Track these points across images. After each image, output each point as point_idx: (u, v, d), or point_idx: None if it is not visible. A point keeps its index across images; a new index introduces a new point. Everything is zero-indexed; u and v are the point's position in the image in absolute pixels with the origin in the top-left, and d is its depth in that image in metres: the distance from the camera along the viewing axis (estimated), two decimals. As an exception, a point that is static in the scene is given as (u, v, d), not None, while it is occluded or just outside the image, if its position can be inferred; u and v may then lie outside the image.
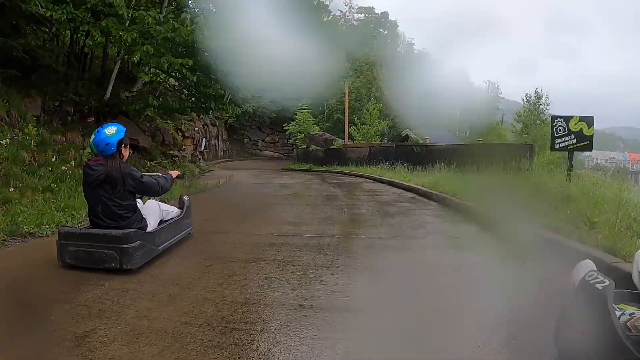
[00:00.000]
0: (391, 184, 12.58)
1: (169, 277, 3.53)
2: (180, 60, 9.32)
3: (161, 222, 4.27)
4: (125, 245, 3.52)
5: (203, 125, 25.74)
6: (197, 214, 5.41)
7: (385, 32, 56.67)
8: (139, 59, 9.60)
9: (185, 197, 4.99)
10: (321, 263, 3.88)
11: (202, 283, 3.40)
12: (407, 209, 7.66)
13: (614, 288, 1.75)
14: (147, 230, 3.90)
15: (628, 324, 1.58)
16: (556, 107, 34.97)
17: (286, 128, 31.52)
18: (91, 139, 3.69)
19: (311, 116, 30.05)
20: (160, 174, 4.43)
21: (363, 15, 57.58)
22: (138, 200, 4.06)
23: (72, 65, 11.34)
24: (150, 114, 13.22)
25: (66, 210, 5.85)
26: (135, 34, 8.76)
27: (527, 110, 41.75)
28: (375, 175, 15.20)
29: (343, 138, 26.81)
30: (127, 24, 8.90)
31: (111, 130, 3.66)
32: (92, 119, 10.52)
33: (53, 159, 7.84)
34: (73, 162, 8.17)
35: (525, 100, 43.03)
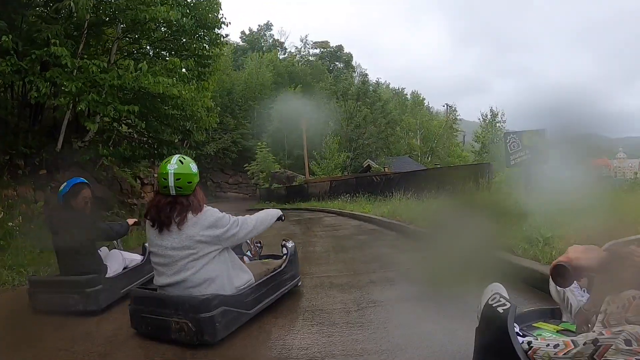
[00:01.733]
0: (352, 216, 12.66)
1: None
2: (126, 107, 9.24)
3: (125, 268, 4.53)
4: (87, 290, 3.84)
5: (164, 170, 25.31)
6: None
7: (341, 65, 57.83)
8: (86, 108, 9.46)
9: (147, 244, 5.07)
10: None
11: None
12: (363, 242, 7.68)
13: (516, 310, 1.75)
14: (108, 276, 4.18)
15: (528, 354, 1.57)
16: (513, 124, 35.85)
17: (247, 169, 31.43)
18: None
19: (271, 155, 30.09)
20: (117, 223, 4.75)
21: (319, 50, 58.71)
22: (104, 248, 4.65)
23: (23, 117, 11.05)
24: (106, 162, 12.94)
25: (14, 268, 5.74)
26: (80, 84, 8.68)
27: (484, 129, 42.58)
28: (336, 209, 15.30)
29: (304, 174, 26.92)
30: (73, 73, 8.82)
31: (62, 186, 4.13)
32: (44, 171, 10.25)
33: (0, 215, 7.62)
34: (21, 218, 7.98)
35: (481, 119, 44.01)
